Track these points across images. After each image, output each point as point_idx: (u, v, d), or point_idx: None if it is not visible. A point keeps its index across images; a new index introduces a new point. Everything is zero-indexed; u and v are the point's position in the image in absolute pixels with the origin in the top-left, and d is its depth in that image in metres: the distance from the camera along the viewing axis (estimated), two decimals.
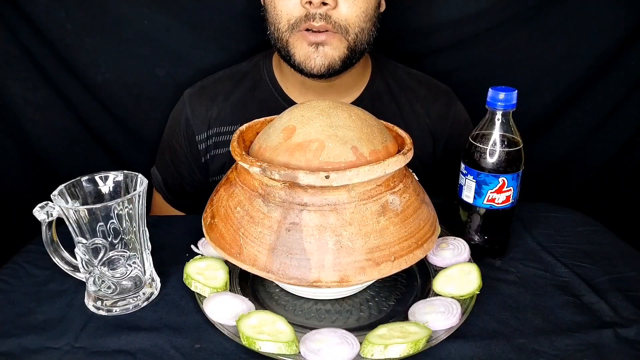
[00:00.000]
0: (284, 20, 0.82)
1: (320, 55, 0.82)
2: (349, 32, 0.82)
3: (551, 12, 1.05)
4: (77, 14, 0.98)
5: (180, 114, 0.94)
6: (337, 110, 0.55)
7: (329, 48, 0.82)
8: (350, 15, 0.81)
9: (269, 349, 0.49)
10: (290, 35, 0.82)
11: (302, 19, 0.80)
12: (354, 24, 0.82)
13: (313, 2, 0.77)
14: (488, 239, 0.66)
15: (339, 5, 0.80)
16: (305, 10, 0.79)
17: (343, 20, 0.80)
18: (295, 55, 0.83)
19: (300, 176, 0.48)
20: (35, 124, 1.04)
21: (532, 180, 0.83)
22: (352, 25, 0.82)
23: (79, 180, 0.58)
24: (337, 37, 0.82)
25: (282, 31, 0.83)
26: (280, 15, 0.82)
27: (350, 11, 0.80)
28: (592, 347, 0.52)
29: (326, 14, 0.79)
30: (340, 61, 0.84)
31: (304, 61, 0.83)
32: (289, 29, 0.82)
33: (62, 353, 0.52)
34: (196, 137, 0.93)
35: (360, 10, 0.81)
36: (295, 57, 0.84)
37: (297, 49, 0.83)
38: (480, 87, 0.72)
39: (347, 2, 0.80)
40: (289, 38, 0.83)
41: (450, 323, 0.53)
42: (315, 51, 0.82)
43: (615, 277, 0.63)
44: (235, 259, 0.52)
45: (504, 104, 0.60)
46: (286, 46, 0.84)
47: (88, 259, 0.56)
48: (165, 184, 0.98)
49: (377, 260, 0.50)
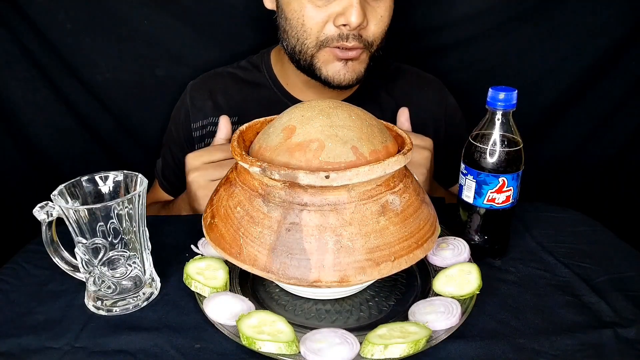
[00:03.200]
0: (313, 37, 0.82)
1: (349, 70, 0.84)
2: (374, 46, 0.84)
3: (551, 12, 1.05)
4: (77, 14, 0.98)
5: (182, 103, 0.97)
6: (337, 110, 0.55)
7: (357, 63, 0.84)
8: (377, 31, 0.83)
9: (269, 349, 0.49)
10: (317, 51, 0.83)
11: (334, 38, 0.81)
12: (379, 38, 0.84)
13: (351, 26, 0.78)
14: (488, 239, 0.66)
15: (369, 24, 0.81)
16: (338, 31, 0.80)
17: (371, 36, 0.83)
18: (323, 70, 0.84)
19: (300, 176, 0.48)
20: (35, 124, 1.04)
21: (532, 180, 0.84)
22: (377, 40, 0.84)
23: (79, 180, 0.58)
24: (365, 52, 0.84)
25: (309, 47, 0.83)
26: (309, 33, 0.82)
27: (377, 28, 0.83)
28: (592, 347, 0.52)
29: (359, 33, 0.80)
30: (364, 71, 0.86)
31: (333, 76, 0.85)
32: (316, 46, 0.82)
33: (62, 353, 0.52)
34: (192, 124, 0.95)
35: (385, 25, 0.84)
36: (322, 71, 0.85)
37: (325, 65, 0.84)
38: (480, 87, 0.72)
39: (375, 20, 0.82)
40: (315, 53, 0.83)
41: (450, 323, 0.53)
42: (344, 66, 0.84)
43: (615, 277, 0.63)
44: (235, 259, 0.52)
45: (504, 104, 0.60)
46: (311, 60, 0.84)
47: (88, 259, 0.56)
48: (163, 170, 1.01)
49: (377, 260, 0.50)
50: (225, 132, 0.80)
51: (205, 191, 0.75)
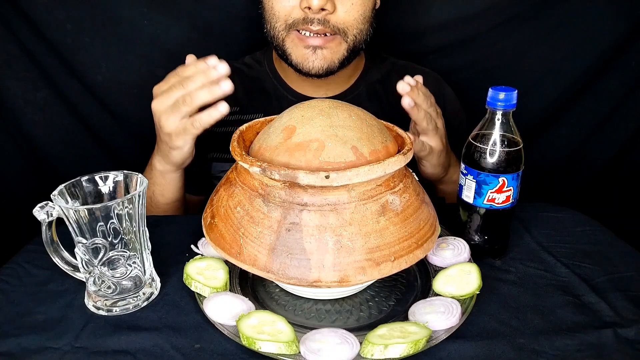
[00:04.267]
0: (281, 20, 0.82)
1: (318, 58, 0.83)
2: (348, 34, 0.83)
3: (551, 12, 1.05)
4: (77, 14, 0.98)
5: None
6: (337, 110, 0.55)
7: (328, 51, 0.83)
8: (348, 18, 0.82)
9: (269, 349, 0.49)
10: (286, 34, 0.83)
11: (299, 21, 0.81)
12: (352, 26, 0.83)
13: (312, 8, 0.78)
14: (488, 239, 0.66)
15: (337, 10, 0.80)
16: (303, 14, 0.80)
17: (341, 23, 0.81)
18: (292, 55, 0.85)
19: (300, 176, 0.48)
20: (35, 124, 1.04)
21: (532, 180, 0.83)
22: (351, 28, 0.83)
23: (79, 180, 0.58)
24: (336, 39, 0.83)
25: (279, 30, 0.83)
26: (277, 15, 0.82)
27: (348, 15, 0.81)
28: (592, 347, 0.52)
29: (324, 18, 0.80)
30: (339, 63, 0.85)
31: (301, 62, 0.84)
32: (285, 29, 0.83)
33: (62, 353, 0.52)
34: None
35: (358, 13, 0.82)
36: (292, 57, 0.85)
37: (293, 50, 0.84)
38: (480, 87, 0.72)
39: (344, 7, 0.81)
40: (285, 37, 0.84)
41: (450, 323, 0.53)
42: (313, 54, 0.83)
43: (615, 277, 0.63)
44: (235, 259, 0.52)
45: (504, 103, 0.60)
46: (282, 45, 0.85)
47: (88, 259, 0.56)
48: None
49: (377, 260, 0.50)
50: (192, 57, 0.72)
51: (162, 116, 0.71)
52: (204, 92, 0.67)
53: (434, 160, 0.80)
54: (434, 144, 0.76)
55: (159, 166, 0.80)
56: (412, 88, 0.69)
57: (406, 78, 0.70)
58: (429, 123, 0.73)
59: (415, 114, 0.70)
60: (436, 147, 0.77)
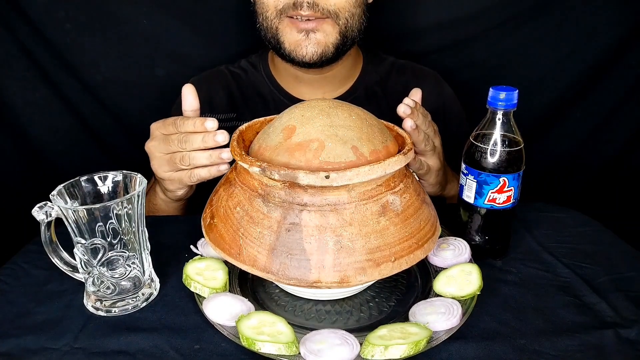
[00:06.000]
0: (271, 8, 0.82)
1: (312, 43, 0.82)
2: (339, 17, 0.82)
3: (551, 12, 1.05)
4: (77, 14, 0.98)
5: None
6: (337, 109, 0.55)
7: (321, 35, 0.82)
8: (339, 1, 0.81)
9: (268, 349, 0.49)
10: (279, 22, 0.82)
11: (289, 6, 0.80)
12: (344, 8, 0.82)
13: None
14: (489, 239, 0.66)
15: None
16: None
17: (332, 5, 0.81)
18: (285, 43, 0.83)
19: (300, 176, 0.48)
20: (35, 124, 1.04)
21: (532, 180, 0.83)
22: (342, 10, 0.82)
23: (78, 181, 0.58)
24: (328, 22, 0.82)
25: (271, 19, 0.83)
26: (267, 4, 0.82)
27: None
28: (593, 348, 0.52)
29: (313, 2, 0.79)
30: (333, 48, 0.84)
31: (295, 49, 0.83)
32: (277, 16, 0.82)
33: (61, 354, 0.51)
34: None
35: None
36: (285, 44, 0.84)
37: (286, 37, 0.83)
38: (480, 87, 0.72)
39: None
40: (278, 25, 0.83)
41: (451, 324, 0.52)
42: (306, 38, 0.82)
43: (616, 277, 0.63)
44: (235, 260, 0.52)
45: (505, 103, 0.60)
46: (276, 34, 0.84)
47: (87, 260, 0.56)
48: None
49: (377, 260, 0.50)
50: (189, 103, 0.71)
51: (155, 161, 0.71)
52: (203, 157, 0.66)
53: (432, 180, 0.79)
54: (432, 162, 0.76)
55: (161, 195, 0.80)
56: (412, 110, 0.68)
57: (405, 100, 0.69)
58: (427, 144, 0.72)
59: (415, 136, 0.69)
60: (434, 166, 0.77)
